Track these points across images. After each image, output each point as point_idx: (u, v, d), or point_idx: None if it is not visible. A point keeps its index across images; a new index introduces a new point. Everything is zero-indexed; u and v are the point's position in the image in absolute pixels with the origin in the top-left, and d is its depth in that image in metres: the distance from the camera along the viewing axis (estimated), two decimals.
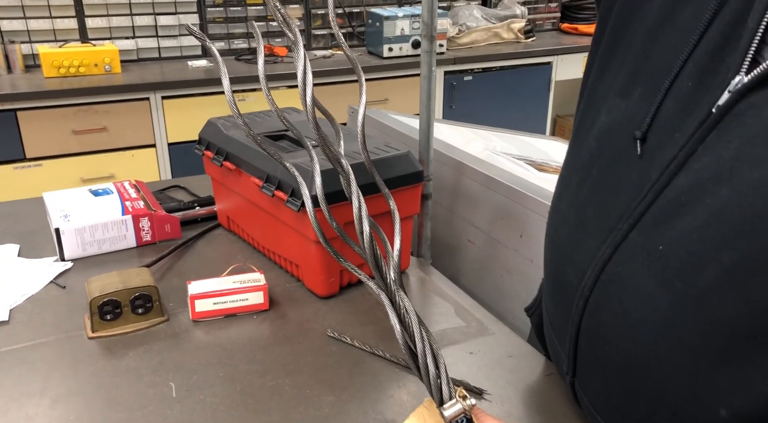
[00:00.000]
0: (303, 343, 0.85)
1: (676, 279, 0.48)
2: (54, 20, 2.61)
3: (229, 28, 2.90)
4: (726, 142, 0.46)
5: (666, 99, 0.51)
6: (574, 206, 0.61)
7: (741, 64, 0.46)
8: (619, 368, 0.54)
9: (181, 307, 0.92)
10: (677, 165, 0.49)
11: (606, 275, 0.54)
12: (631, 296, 0.52)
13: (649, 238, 0.50)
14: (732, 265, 0.44)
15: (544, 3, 3.62)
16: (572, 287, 0.58)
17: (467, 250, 1.12)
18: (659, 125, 0.52)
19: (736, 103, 0.46)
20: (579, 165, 0.61)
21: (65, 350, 0.83)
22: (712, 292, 0.46)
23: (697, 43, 0.50)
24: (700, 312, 0.46)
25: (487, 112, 3.09)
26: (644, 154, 0.52)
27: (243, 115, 1.19)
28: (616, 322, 0.53)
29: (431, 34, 0.97)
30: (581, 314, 0.57)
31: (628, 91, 0.56)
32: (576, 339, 0.59)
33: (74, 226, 1.05)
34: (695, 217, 0.47)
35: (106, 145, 2.45)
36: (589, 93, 0.63)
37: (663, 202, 0.50)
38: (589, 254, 0.56)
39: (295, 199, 0.90)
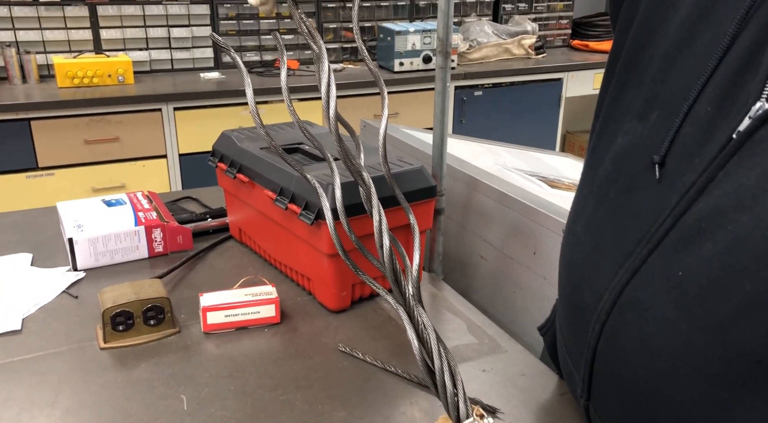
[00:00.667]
0: (314, 358, 0.85)
1: (696, 306, 0.47)
2: (69, 31, 2.64)
3: (241, 41, 2.92)
4: (747, 168, 0.46)
5: (685, 123, 0.51)
6: (591, 229, 0.60)
7: (762, 90, 0.46)
8: (637, 395, 0.54)
9: (192, 318, 0.92)
10: (697, 190, 0.49)
11: (624, 300, 0.54)
12: (650, 322, 0.51)
13: (669, 263, 0.50)
14: (755, 294, 0.44)
15: (554, 20, 3.64)
16: (588, 310, 0.58)
17: (479, 265, 1.12)
18: (678, 150, 0.52)
19: (757, 129, 0.46)
20: (595, 187, 0.61)
21: (77, 361, 0.83)
22: (734, 321, 0.45)
23: (715, 67, 0.50)
24: (722, 341, 0.46)
25: (498, 128, 3.10)
26: (663, 178, 0.52)
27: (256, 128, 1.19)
28: (635, 348, 0.53)
29: (446, 50, 0.98)
30: (597, 338, 0.56)
31: (646, 114, 0.56)
32: (592, 363, 0.58)
33: (87, 236, 1.05)
34: (716, 244, 0.47)
35: (117, 155, 2.47)
36: (605, 115, 0.63)
37: (683, 228, 0.49)
38: (607, 278, 0.56)
39: (309, 213, 0.90)
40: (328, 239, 0.90)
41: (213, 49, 2.88)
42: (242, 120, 2.58)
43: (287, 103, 0.62)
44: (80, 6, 2.63)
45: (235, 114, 2.59)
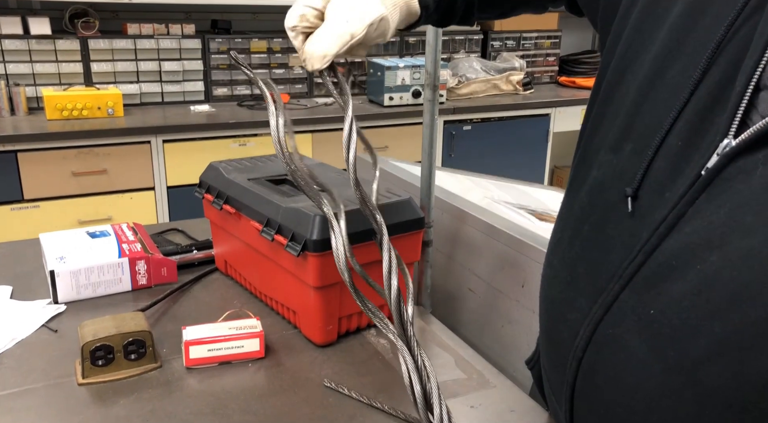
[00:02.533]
0: (299, 393, 0.83)
1: (668, 347, 0.47)
2: (59, 64, 2.65)
3: (232, 75, 2.94)
4: (716, 206, 0.46)
5: (656, 157, 0.51)
6: (566, 262, 0.60)
7: (729, 126, 0.46)
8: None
9: (175, 353, 0.90)
10: (667, 227, 0.48)
11: (598, 337, 0.53)
12: (624, 361, 0.50)
13: (641, 300, 0.49)
14: (724, 336, 0.43)
15: (542, 57, 3.70)
16: (565, 346, 0.57)
17: (468, 298, 1.10)
18: (649, 184, 0.51)
19: (725, 166, 0.46)
20: (571, 220, 0.61)
21: (53, 397, 0.81)
22: (705, 363, 0.44)
23: (686, 101, 0.50)
24: (694, 383, 0.45)
25: (486, 162, 3.11)
26: (635, 211, 0.52)
27: (246, 160, 1.19)
28: (611, 386, 0.52)
29: (434, 84, 0.98)
30: (575, 375, 0.56)
31: (619, 146, 0.56)
32: (571, 400, 0.57)
33: (69, 268, 1.03)
34: (686, 283, 0.46)
35: (105, 187, 2.45)
36: (584, 146, 0.63)
37: (653, 265, 0.49)
38: (582, 313, 0.55)
39: (295, 244, 0.89)
40: (314, 271, 0.89)
41: (204, 83, 2.90)
42: (231, 152, 2.59)
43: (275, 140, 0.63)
44: (71, 39, 2.64)
45: (224, 146, 2.59)
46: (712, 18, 0.50)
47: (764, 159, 0.44)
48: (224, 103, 2.92)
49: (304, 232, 0.88)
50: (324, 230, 0.88)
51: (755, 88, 0.46)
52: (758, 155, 0.44)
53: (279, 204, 0.94)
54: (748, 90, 0.46)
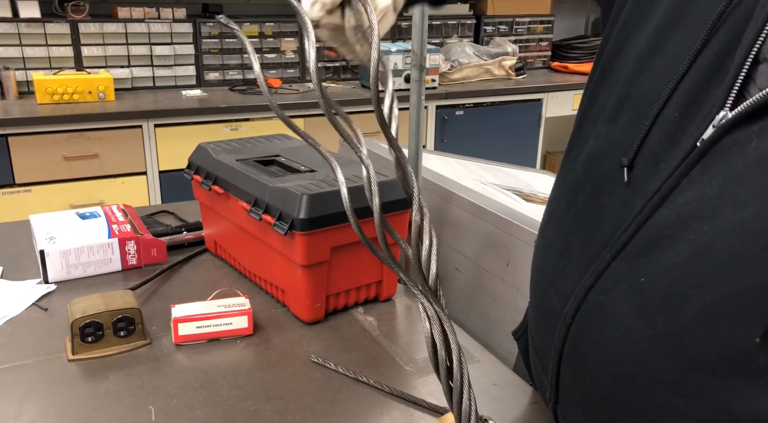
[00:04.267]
0: (286, 369, 0.84)
1: (657, 314, 0.48)
2: (50, 48, 2.64)
3: (224, 59, 2.94)
4: (710, 178, 0.46)
5: (653, 127, 0.51)
6: (560, 232, 0.61)
7: (726, 98, 0.46)
8: (600, 399, 0.54)
9: (164, 331, 0.91)
10: (661, 197, 0.49)
11: (588, 304, 0.54)
12: (612, 327, 0.51)
13: (632, 269, 0.50)
14: (713, 304, 0.44)
15: (535, 42, 3.70)
16: (555, 314, 0.58)
17: (454, 278, 1.12)
18: (645, 154, 0.52)
19: (720, 138, 0.46)
20: (566, 190, 0.61)
21: (44, 373, 0.82)
22: (692, 330, 0.45)
23: (685, 72, 0.50)
24: (679, 349, 0.46)
25: (478, 147, 3.12)
26: (630, 181, 0.52)
27: (234, 141, 1.20)
28: (597, 352, 0.53)
29: (421, 64, 0.99)
30: (563, 342, 0.57)
31: (617, 116, 0.56)
32: (558, 366, 0.58)
33: (59, 248, 1.04)
34: (678, 253, 0.47)
35: (96, 171, 2.45)
36: (581, 117, 0.64)
37: (646, 234, 0.50)
38: (573, 282, 0.56)
39: (283, 223, 0.90)
40: (302, 250, 0.90)
41: (195, 67, 2.89)
42: (223, 137, 2.58)
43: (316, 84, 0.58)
44: (61, 23, 2.62)
45: (216, 131, 2.59)
46: None
47: (759, 132, 0.44)
48: (216, 87, 2.92)
49: (291, 211, 0.89)
50: (311, 209, 0.89)
51: (754, 61, 0.46)
52: (753, 128, 0.45)
53: (267, 184, 0.95)
54: (746, 62, 0.46)
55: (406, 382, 0.82)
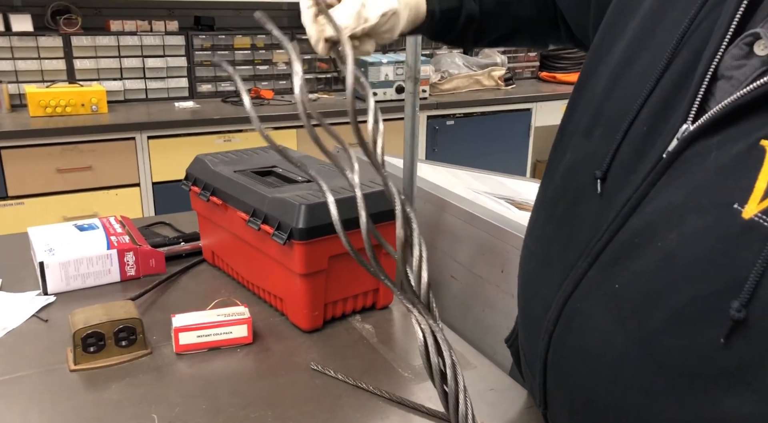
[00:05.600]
0: (286, 376, 0.85)
1: (630, 319, 0.50)
2: (42, 61, 2.65)
3: (216, 71, 2.95)
4: (675, 188, 0.49)
5: (624, 141, 0.54)
6: (541, 242, 0.63)
7: (688, 112, 0.49)
8: (582, 403, 0.56)
9: (164, 340, 0.92)
10: (631, 207, 0.51)
11: (567, 311, 0.56)
12: (590, 332, 0.53)
13: (606, 276, 0.52)
14: (679, 309, 0.46)
15: (523, 52, 3.75)
16: (538, 321, 0.60)
17: (450, 285, 1.14)
18: (617, 166, 0.55)
19: (684, 150, 0.49)
20: (546, 202, 0.64)
21: (46, 383, 0.83)
22: (661, 334, 0.47)
23: (652, 89, 0.53)
24: (651, 353, 0.48)
25: (469, 156, 3.15)
26: (603, 193, 0.55)
27: (231, 152, 1.21)
28: (577, 357, 0.55)
29: (415, 76, 1.01)
30: (547, 348, 0.59)
31: (590, 131, 0.59)
32: (544, 372, 0.60)
33: (59, 259, 1.05)
34: (647, 260, 0.49)
35: (90, 184, 2.46)
36: (560, 131, 0.67)
37: (618, 243, 0.52)
38: (553, 289, 0.58)
39: (281, 233, 0.91)
40: (300, 259, 0.92)
41: (188, 79, 2.91)
42: (216, 148, 2.59)
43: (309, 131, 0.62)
44: (54, 36, 2.64)
45: (209, 142, 2.60)
46: (679, 11, 0.53)
47: (718, 144, 0.47)
48: (208, 99, 2.93)
49: (290, 221, 0.91)
50: (309, 219, 0.91)
51: (712, 77, 0.49)
52: (713, 140, 0.47)
53: (265, 194, 0.97)
54: (705, 79, 0.49)
55: (405, 388, 0.83)
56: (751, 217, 0.43)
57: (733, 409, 0.43)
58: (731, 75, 0.48)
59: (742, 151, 0.45)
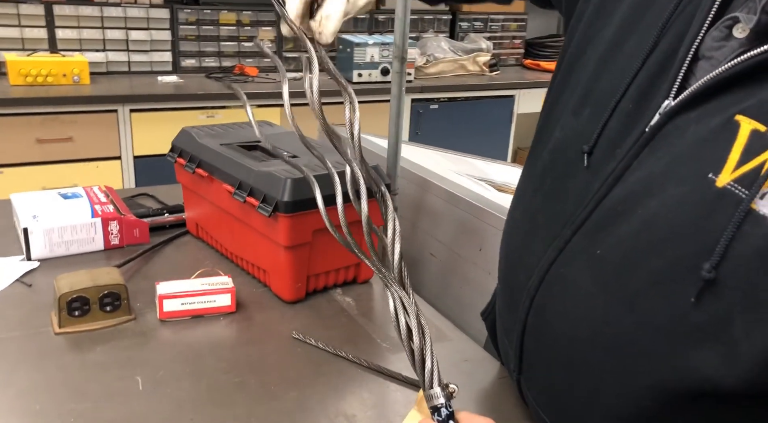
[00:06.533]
0: (268, 344, 0.88)
1: (611, 281, 0.53)
2: (23, 29, 2.60)
3: (200, 46, 2.93)
4: (656, 158, 0.52)
5: (611, 118, 0.58)
6: (528, 213, 0.66)
7: (670, 89, 0.53)
8: (560, 365, 0.59)
9: (148, 307, 0.94)
10: (615, 177, 0.55)
11: (550, 276, 0.59)
12: (572, 296, 0.57)
13: (590, 242, 0.56)
14: (658, 270, 0.50)
15: (508, 39, 3.77)
16: (520, 287, 0.63)
17: (429, 263, 1.17)
18: (604, 141, 0.58)
19: (665, 124, 0.53)
20: (534, 176, 0.67)
21: (31, 345, 0.84)
22: (641, 294, 0.51)
23: (639, 69, 0.57)
24: (630, 313, 0.52)
25: (451, 140, 3.18)
26: (590, 166, 0.58)
27: (218, 126, 1.22)
28: (558, 319, 0.58)
29: (402, 56, 1.03)
30: (527, 312, 0.62)
31: (580, 110, 0.62)
32: (522, 336, 0.64)
33: (43, 226, 1.05)
34: (629, 226, 0.53)
35: (70, 155, 2.44)
36: (547, 112, 0.70)
37: (602, 211, 0.56)
38: (537, 257, 0.61)
39: (267, 205, 0.93)
40: (285, 231, 0.94)
41: (171, 53, 2.88)
42: (199, 123, 2.58)
43: (288, 111, 0.66)
44: (35, 4, 2.59)
45: (192, 118, 2.59)
46: None
47: (696, 118, 0.51)
48: (192, 74, 2.91)
49: (275, 194, 0.93)
50: (294, 192, 0.93)
51: (694, 57, 0.53)
52: (692, 114, 0.51)
53: (251, 168, 0.98)
54: (687, 59, 0.53)
55: (383, 358, 0.87)
56: (724, 185, 0.47)
57: (703, 361, 0.47)
58: (711, 55, 0.51)
59: (718, 125, 0.49)
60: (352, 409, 0.76)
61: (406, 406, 0.77)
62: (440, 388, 0.56)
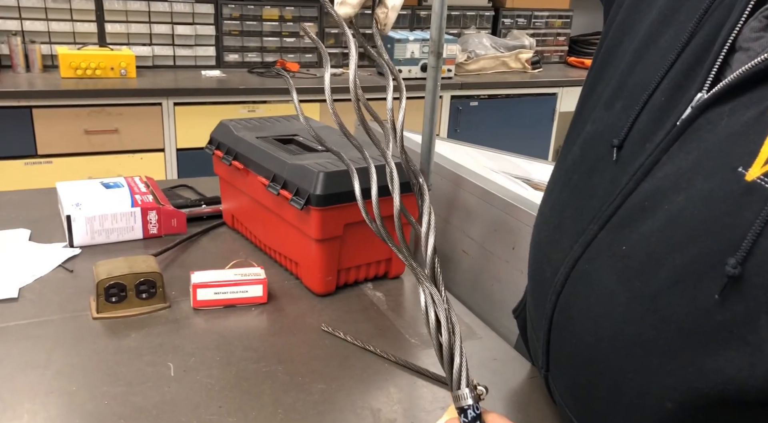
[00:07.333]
0: (298, 336, 0.89)
1: (634, 278, 0.52)
2: (74, 23, 2.69)
3: (243, 42, 2.97)
4: (686, 153, 0.51)
5: (642, 112, 0.56)
6: (555, 209, 0.65)
7: (704, 82, 0.51)
8: (583, 363, 0.58)
9: (182, 296, 0.96)
10: (643, 172, 0.53)
11: (576, 272, 0.58)
12: (596, 293, 0.55)
13: (615, 238, 0.54)
14: (682, 267, 0.48)
15: (552, 36, 3.71)
16: (547, 284, 0.62)
17: (461, 260, 1.16)
18: (634, 135, 0.56)
19: (697, 117, 0.51)
20: (563, 171, 0.66)
21: (70, 328, 0.87)
22: (664, 292, 0.49)
23: (673, 62, 0.55)
24: (653, 310, 0.50)
25: (491, 138, 3.15)
26: (619, 160, 0.57)
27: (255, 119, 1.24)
28: (582, 317, 0.57)
29: (438, 51, 1.03)
30: (553, 309, 0.61)
31: (612, 103, 0.61)
32: (548, 334, 0.63)
33: (85, 214, 1.09)
34: (655, 222, 0.51)
35: (116, 146, 2.51)
36: (581, 105, 0.68)
37: (629, 206, 0.54)
38: (563, 253, 0.60)
39: (299, 198, 0.94)
40: (316, 225, 0.94)
41: (215, 48, 2.93)
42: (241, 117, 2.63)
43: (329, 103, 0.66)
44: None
45: (233, 111, 2.63)
46: None
47: (729, 111, 0.49)
48: (235, 69, 2.96)
49: (308, 187, 0.93)
50: (327, 186, 0.93)
51: (730, 49, 0.51)
52: (725, 108, 0.49)
53: (285, 161, 0.99)
54: (723, 50, 0.51)
55: (411, 353, 0.86)
56: (754, 179, 0.45)
57: (727, 361, 0.45)
58: (749, 46, 0.49)
59: (751, 118, 0.47)
60: (378, 403, 0.76)
61: (432, 402, 0.77)
62: (468, 390, 0.55)
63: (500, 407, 0.77)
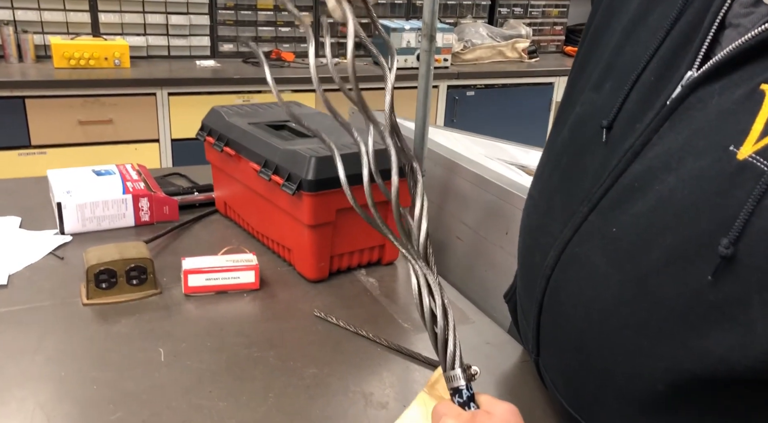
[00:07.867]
0: (290, 321, 0.88)
1: (625, 260, 0.51)
2: (67, 13, 2.67)
3: (238, 31, 2.96)
4: (677, 133, 0.50)
5: (632, 92, 0.55)
6: (545, 193, 0.64)
7: (694, 60, 0.50)
8: (574, 346, 0.57)
9: (174, 282, 0.95)
10: (633, 153, 0.53)
11: (566, 256, 0.57)
12: (587, 276, 0.55)
13: (606, 220, 0.54)
14: (673, 248, 0.48)
15: (549, 25, 3.69)
16: (537, 268, 0.62)
17: (455, 246, 1.15)
18: (623, 116, 0.55)
19: (687, 96, 0.50)
20: (553, 154, 0.65)
21: (60, 314, 0.86)
22: (655, 274, 0.49)
23: (662, 40, 0.54)
24: (644, 292, 0.50)
25: (488, 127, 3.14)
26: (608, 141, 0.56)
27: (247, 106, 1.23)
28: (572, 300, 0.56)
29: (431, 34, 1.02)
30: (543, 293, 0.60)
31: (601, 84, 0.60)
32: (538, 317, 0.62)
33: (76, 201, 1.08)
34: (645, 203, 0.50)
35: (110, 137, 2.49)
36: (569, 87, 0.67)
37: (619, 187, 0.53)
38: (553, 236, 0.59)
39: (291, 184, 0.93)
40: (309, 210, 0.94)
41: (210, 38, 2.91)
42: None
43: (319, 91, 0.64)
44: None
45: (228, 101, 2.62)
46: None
47: (720, 89, 0.48)
48: (230, 59, 2.94)
49: (300, 172, 0.92)
50: (319, 171, 0.92)
51: (720, 26, 0.50)
52: (715, 86, 0.48)
53: (277, 146, 0.98)
54: (712, 28, 0.50)
55: (404, 338, 0.86)
56: (745, 157, 0.44)
57: (719, 342, 0.45)
58: (738, 23, 0.48)
59: (742, 96, 0.46)
60: (371, 387, 0.76)
61: (423, 386, 0.77)
62: (461, 370, 0.55)
63: (492, 391, 0.77)
